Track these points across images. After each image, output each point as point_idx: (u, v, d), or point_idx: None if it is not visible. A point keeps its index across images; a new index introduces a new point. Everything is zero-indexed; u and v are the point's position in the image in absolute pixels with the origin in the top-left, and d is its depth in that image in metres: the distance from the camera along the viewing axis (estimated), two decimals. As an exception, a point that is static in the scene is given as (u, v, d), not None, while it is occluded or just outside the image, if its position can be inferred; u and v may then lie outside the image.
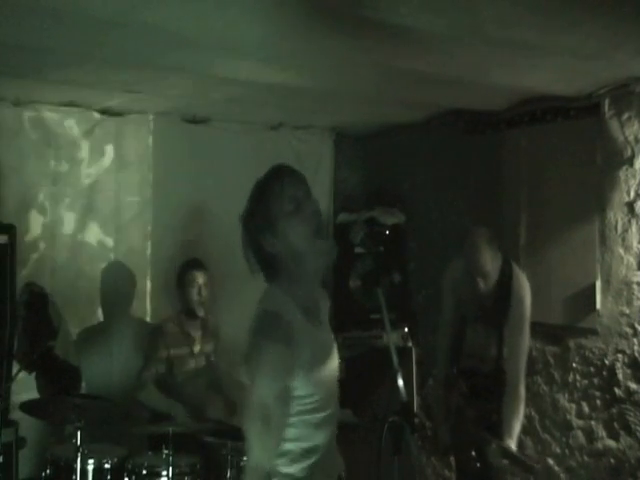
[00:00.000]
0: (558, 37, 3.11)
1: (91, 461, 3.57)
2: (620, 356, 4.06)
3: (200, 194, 4.96)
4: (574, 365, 4.30)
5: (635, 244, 4.01)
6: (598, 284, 4.15)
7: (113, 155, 4.76)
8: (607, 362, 4.12)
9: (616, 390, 4.07)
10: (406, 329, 5.06)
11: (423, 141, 5.32)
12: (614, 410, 4.09)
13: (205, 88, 4.17)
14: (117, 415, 3.77)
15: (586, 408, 4.24)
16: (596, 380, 4.19)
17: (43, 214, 4.49)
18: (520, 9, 2.81)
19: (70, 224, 4.60)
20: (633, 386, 4.00)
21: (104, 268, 4.65)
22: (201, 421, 4.03)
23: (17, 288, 3.82)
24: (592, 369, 4.21)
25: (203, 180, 4.96)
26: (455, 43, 3.19)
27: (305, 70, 3.71)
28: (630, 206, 4.02)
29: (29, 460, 4.01)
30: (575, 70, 3.72)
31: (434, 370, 4.60)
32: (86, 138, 4.64)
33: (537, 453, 4.45)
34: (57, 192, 4.54)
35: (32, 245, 4.43)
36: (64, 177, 4.57)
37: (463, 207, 4.98)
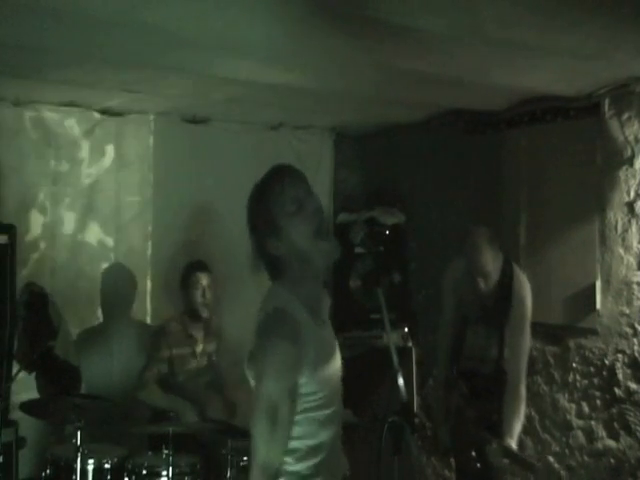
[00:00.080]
0: (558, 37, 3.12)
1: (91, 461, 3.56)
2: (620, 356, 4.06)
3: (200, 194, 4.96)
4: (574, 365, 4.30)
5: (635, 244, 4.01)
6: (598, 284, 4.15)
7: (113, 155, 4.75)
8: (607, 362, 4.12)
9: (616, 390, 4.07)
10: (406, 329, 5.05)
11: (423, 141, 5.32)
12: (614, 410, 4.09)
13: (205, 88, 4.17)
14: (117, 415, 3.77)
15: (586, 408, 4.24)
16: (596, 380, 4.18)
17: (43, 214, 4.49)
18: (520, 9, 2.81)
19: (70, 224, 4.59)
20: (633, 386, 4.00)
21: (105, 270, 4.64)
22: (202, 420, 4.04)
23: (17, 288, 3.81)
24: (592, 369, 4.21)
25: (203, 180, 4.96)
26: (455, 43, 3.19)
27: (305, 70, 3.71)
28: (630, 206, 4.02)
29: (29, 460, 4.00)
30: (575, 70, 3.72)
31: (434, 370, 4.61)
32: (86, 138, 4.64)
33: (537, 453, 4.45)
34: (57, 192, 4.54)
35: (32, 245, 4.43)
36: (64, 177, 4.57)
37: (463, 207, 4.97)
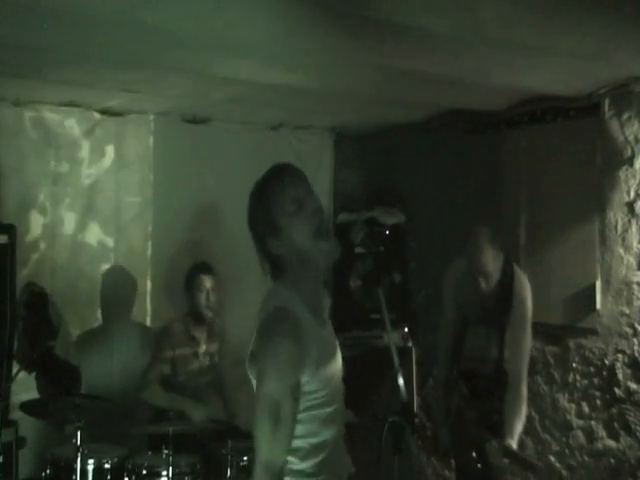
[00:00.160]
0: (558, 37, 3.12)
1: (91, 461, 3.57)
2: (620, 356, 4.06)
3: (201, 194, 4.96)
4: (574, 365, 4.30)
5: (635, 244, 4.00)
6: (598, 284, 4.15)
7: (113, 155, 4.75)
8: (607, 362, 4.12)
9: (616, 390, 4.07)
10: (406, 329, 5.05)
11: (423, 141, 5.32)
12: (614, 410, 4.09)
13: (205, 88, 4.17)
14: (117, 415, 3.76)
15: (586, 408, 4.24)
16: (596, 380, 4.18)
17: (43, 214, 4.49)
18: (520, 9, 2.81)
19: (70, 224, 4.59)
20: (633, 386, 4.00)
21: (105, 273, 4.63)
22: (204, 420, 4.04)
23: (17, 288, 3.81)
24: (592, 369, 4.21)
25: (204, 180, 4.95)
26: (456, 43, 3.19)
27: (306, 70, 3.71)
28: (630, 206, 4.02)
29: (29, 460, 4.00)
30: (575, 70, 3.72)
31: (434, 370, 4.61)
32: (86, 138, 4.64)
33: (537, 453, 4.44)
34: (57, 192, 4.54)
35: (32, 245, 4.42)
36: (64, 177, 4.57)
37: (463, 207, 4.97)
